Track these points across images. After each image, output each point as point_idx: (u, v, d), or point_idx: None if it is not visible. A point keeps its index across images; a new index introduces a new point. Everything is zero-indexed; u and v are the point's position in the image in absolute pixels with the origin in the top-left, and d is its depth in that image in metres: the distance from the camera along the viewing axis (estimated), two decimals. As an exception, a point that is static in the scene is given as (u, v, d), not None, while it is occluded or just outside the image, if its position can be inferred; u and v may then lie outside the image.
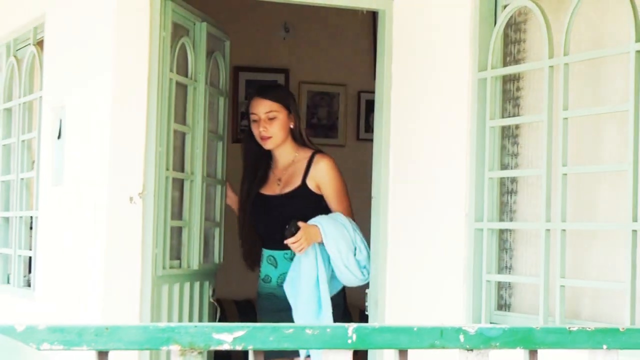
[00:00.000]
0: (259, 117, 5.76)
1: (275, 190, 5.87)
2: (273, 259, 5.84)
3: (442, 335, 2.03)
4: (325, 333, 1.94)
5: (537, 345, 2.15)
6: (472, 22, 5.20)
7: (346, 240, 5.59)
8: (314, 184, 5.79)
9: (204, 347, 1.86)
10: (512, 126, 5.14)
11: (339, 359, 1.95)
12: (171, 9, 5.56)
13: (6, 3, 7.78)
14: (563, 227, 4.64)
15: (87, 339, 1.84)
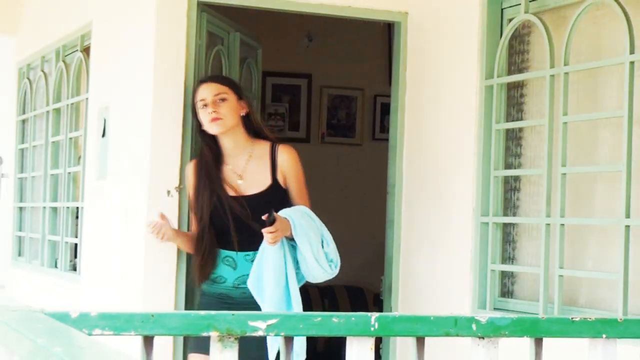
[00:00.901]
0: (206, 101, 4.86)
1: (237, 189, 4.92)
2: (232, 260, 4.90)
3: (456, 324, 2.03)
4: (350, 321, 1.94)
5: (542, 334, 2.15)
6: (480, 34, 5.20)
7: (315, 232, 4.83)
8: (282, 177, 4.97)
9: (240, 333, 1.86)
10: (516, 129, 5.13)
11: (362, 345, 1.95)
12: (207, 20, 5.58)
13: (56, 13, 7.80)
14: (562, 222, 4.64)
15: (135, 325, 1.84)
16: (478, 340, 2.06)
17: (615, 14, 4.45)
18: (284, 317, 1.87)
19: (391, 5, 5.85)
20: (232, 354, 1.86)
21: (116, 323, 1.83)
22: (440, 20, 5.60)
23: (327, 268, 4.85)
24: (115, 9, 6.31)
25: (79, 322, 1.77)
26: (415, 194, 5.71)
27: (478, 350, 2.08)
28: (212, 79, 5.06)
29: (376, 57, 9.02)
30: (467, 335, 2.05)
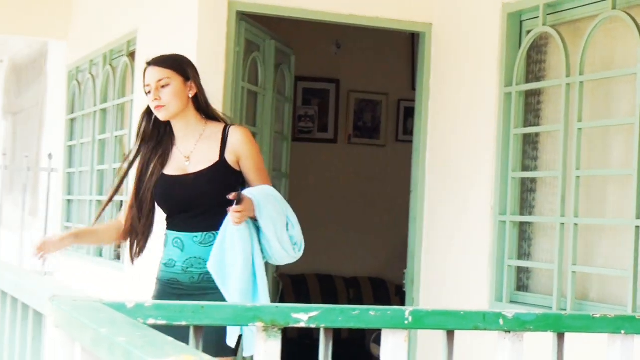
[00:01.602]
0: (150, 87, 4.25)
1: (184, 169, 4.28)
2: (180, 241, 4.24)
3: (485, 319, 2.02)
4: (386, 315, 1.94)
5: (564, 329, 2.14)
6: (500, 44, 5.19)
7: (279, 214, 4.20)
8: (234, 157, 4.25)
9: (283, 324, 1.86)
10: (533, 134, 5.12)
11: (396, 337, 1.94)
12: (245, 28, 5.60)
13: (104, 20, 7.82)
14: (575, 222, 4.63)
15: (186, 315, 1.84)
16: (504, 334, 2.05)
17: (628, 27, 4.44)
18: (325, 310, 1.86)
19: (416, 17, 5.84)
20: (275, 343, 1.85)
21: (169, 313, 1.82)
22: (463, 32, 5.59)
23: (290, 251, 4.26)
24: (159, 17, 6.32)
25: (135, 311, 1.77)
26: (437, 193, 5.71)
27: (504, 344, 2.07)
28: (156, 62, 4.32)
29: (400, 64, 9.01)
30: (495, 329, 2.04)
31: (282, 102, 6.40)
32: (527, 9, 5.07)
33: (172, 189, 4.25)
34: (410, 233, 5.86)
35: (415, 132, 5.93)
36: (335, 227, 8.91)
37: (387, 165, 8.93)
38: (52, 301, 1.67)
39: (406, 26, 5.91)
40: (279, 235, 4.17)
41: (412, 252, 5.83)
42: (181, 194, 4.23)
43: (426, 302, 5.70)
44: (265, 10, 5.63)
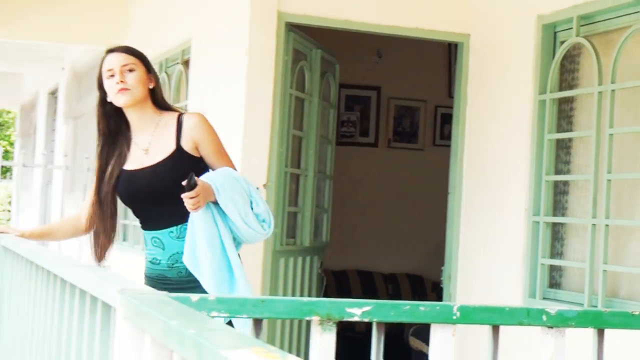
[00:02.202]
0: (114, 71, 3.89)
1: (143, 162, 3.96)
2: (159, 240, 3.92)
3: (529, 315, 2.00)
4: (434, 310, 1.92)
5: (605, 325, 2.12)
6: (535, 54, 5.16)
7: (241, 194, 3.84)
8: (191, 144, 3.92)
9: (338, 318, 1.85)
10: (566, 139, 5.08)
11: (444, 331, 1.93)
12: (292, 38, 5.60)
13: (159, 30, 7.85)
14: (606, 223, 4.60)
15: (247, 308, 1.84)
16: (547, 329, 2.03)
17: (659, 38, 4.40)
18: (378, 305, 1.85)
19: (455, 27, 5.83)
20: (330, 336, 1.84)
21: (231, 307, 1.82)
22: (499, 42, 5.56)
23: (259, 229, 3.90)
24: (212, 27, 6.33)
25: (199, 305, 1.77)
26: (473, 194, 5.69)
27: (547, 339, 2.05)
28: (121, 49, 4.03)
29: (437, 72, 8.99)
30: (538, 324, 2.02)
31: (327, 108, 6.41)
32: (561, 20, 5.04)
33: (134, 183, 3.95)
34: (448, 232, 5.85)
35: (452, 137, 5.91)
36: (375, 225, 8.92)
37: (425, 168, 8.91)
38: (122, 294, 1.67)
39: (445, 37, 5.90)
40: (242, 216, 3.83)
41: (450, 251, 5.81)
42: (143, 187, 3.94)
43: (462, 298, 5.67)
44: (313, 22, 5.63)
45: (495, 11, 5.63)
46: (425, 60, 8.83)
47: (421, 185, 8.89)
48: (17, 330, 3.56)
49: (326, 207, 6.48)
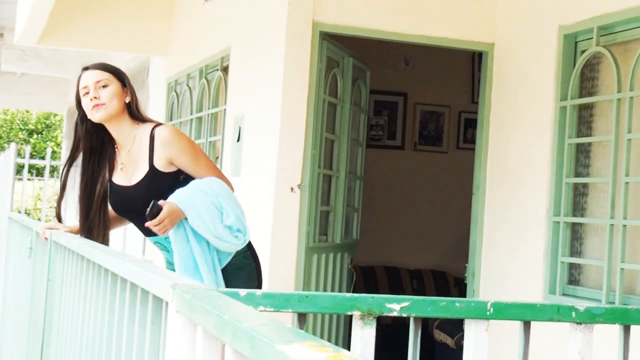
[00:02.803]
0: (88, 88, 3.80)
1: (127, 179, 3.86)
2: (161, 245, 3.86)
3: (559, 312, 1.98)
4: (469, 306, 1.91)
5: (631, 322, 2.09)
6: (557, 63, 5.13)
7: (209, 208, 3.67)
8: (164, 161, 3.77)
9: (378, 313, 1.84)
10: (586, 144, 5.05)
11: (479, 326, 1.91)
12: (326, 47, 5.59)
13: (200, 39, 7.86)
14: (624, 224, 4.56)
15: (292, 303, 1.83)
16: (576, 325, 2.01)
17: (676, 48, 4.35)
18: (416, 301, 1.84)
19: (480, 37, 5.80)
20: (371, 330, 1.83)
21: (277, 301, 1.81)
22: (522, 51, 5.53)
23: (232, 240, 3.72)
24: (250, 36, 6.33)
25: (247, 299, 1.76)
26: (497, 195, 5.66)
27: (576, 334, 2.03)
28: (95, 66, 3.91)
29: (461, 79, 8.98)
30: (567, 320, 2.01)
31: (358, 112, 6.39)
32: (582, 30, 5.00)
33: (121, 199, 3.89)
34: (472, 231, 5.82)
35: (477, 140, 5.88)
36: (402, 224, 8.91)
37: (449, 170, 8.89)
38: (174, 289, 1.66)
39: (470, 46, 5.87)
40: (212, 231, 3.66)
41: (474, 248, 5.78)
42: (128, 204, 3.87)
43: (485, 293, 5.65)
44: (345, 31, 5.62)
45: (518, 22, 5.60)
46: (449, 68, 8.81)
47: (445, 186, 8.87)
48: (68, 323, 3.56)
49: (356, 207, 6.47)
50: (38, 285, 4.66)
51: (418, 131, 9.07)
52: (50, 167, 10.08)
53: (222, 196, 3.73)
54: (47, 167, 8.85)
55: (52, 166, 12.72)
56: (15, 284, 6.21)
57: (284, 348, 1.06)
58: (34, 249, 5.09)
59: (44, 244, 4.41)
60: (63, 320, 3.75)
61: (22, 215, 6.78)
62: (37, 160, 9.10)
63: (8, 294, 6.77)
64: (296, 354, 1.03)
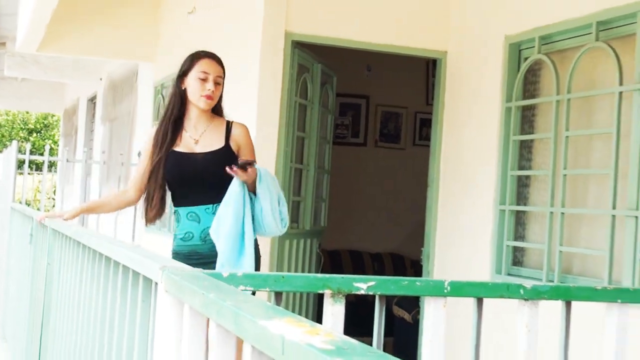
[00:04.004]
0: (209, 77, 3.96)
1: (193, 149, 3.96)
2: (195, 214, 3.89)
3: (508, 289, 1.97)
4: (429, 285, 1.89)
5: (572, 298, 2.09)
6: (503, 68, 5.13)
7: (274, 189, 3.87)
8: (235, 146, 3.97)
9: (347, 291, 1.81)
10: (528, 140, 5.05)
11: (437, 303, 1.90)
12: (297, 54, 5.56)
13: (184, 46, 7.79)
14: (562, 211, 4.57)
15: (270, 283, 1.80)
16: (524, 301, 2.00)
17: (608, 55, 4.37)
18: (381, 281, 1.82)
19: (434, 46, 5.79)
20: (340, 307, 1.81)
21: (256, 282, 1.79)
22: (472, 58, 5.53)
23: (279, 223, 3.91)
24: (229, 44, 6.29)
25: (229, 280, 1.73)
26: (449, 187, 5.66)
27: (523, 310, 2.02)
28: (218, 60, 4.08)
29: (417, 83, 8.98)
30: (516, 297, 2.00)
31: (326, 113, 6.37)
32: (525, 40, 5.01)
33: (183, 164, 3.93)
34: (427, 218, 5.81)
35: (432, 138, 5.87)
36: (365, 213, 8.90)
37: (406, 165, 8.90)
38: (163, 270, 1.63)
39: (426, 53, 5.86)
40: (272, 205, 3.84)
41: (428, 234, 5.78)
42: (193, 168, 3.92)
43: (438, 274, 5.65)
44: (315, 40, 5.60)
45: (468, 32, 5.60)
46: (407, 74, 8.81)
47: (403, 179, 8.89)
48: (66, 303, 3.52)
49: (324, 197, 6.45)
50: (38, 269, 4.61)
51: (379, 130, 9.07)
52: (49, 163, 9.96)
53: (280, 190, 3.98)
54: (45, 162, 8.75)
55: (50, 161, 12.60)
56: (17, 267, 6.15)
57: (265, 323, 1.04)
58: (34, 235, 5.04)
59: (43, 231, 4.36)
60: (61, 300, 3.71)
61: (23, 205, 6.71)
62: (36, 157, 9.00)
63: (11, 276, 6.70)
64: (276, 328, 1.00)
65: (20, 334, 5.37)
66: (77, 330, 3.12)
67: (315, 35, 5.57)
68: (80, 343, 3.01)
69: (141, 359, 2.01)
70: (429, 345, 1.93)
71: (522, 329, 2.03)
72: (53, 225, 4.04)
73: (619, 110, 4.22)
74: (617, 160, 4.21)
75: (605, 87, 4.42)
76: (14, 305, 6.15)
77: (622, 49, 4.32)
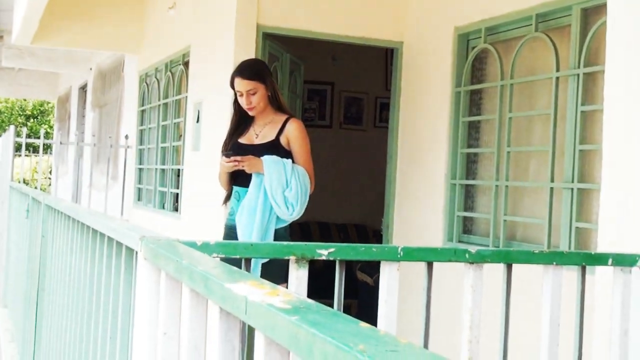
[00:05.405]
0: (241, 93, 4.18)
1: (252, 141, 4.22)
2: (238, 194, 4.17)
3: (455, 254, 1.97)
4: (384, 250, 1.88)
5: (512, 261, 2.09)
6: (453, 57, 5.12)
7: (280, 177, 4.05)
8: (285, 139, 4.17)
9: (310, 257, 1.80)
10: (476, 121, 5.06)
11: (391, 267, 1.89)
12: (268, 45, 5.51)
13: (166, 39, 7.73)
14: (506, 184, 4.59)
15: (240, 251, 1.79)
16: (469, 265, 2.00)
17: (546, 44, 4.37)
18: (340, 247, 1.81)
19: (392, 36, 5.77)
20: (304, 271, 1.80)
21: (227, 249, 1.77)
22: (425, 47, 5.52)
23: (282, 207, 4.02)
24: (206, 36, 6.24)
25: (202, 248, 1.71)
26: (406, 163, 5.65)
27: (469, 272, 2.02)
28: (244, 75, 4.20)
29: (377, 71, 8.95)
30: (462, 261, 1.99)
31: (295, 99, 6.33)
32: (472, 31, 5.01)
33: (239, 153, 4.12)
34: (387, 192, 5.81)
35: (390, 119, 5.86)
36: (331, 187, 8.89)
37: (368, 144, 8.89)
38: (142, 240, 1.61)
39: (384, 43, 5.83)
40: (273, 193, 4.01)
41: (388, 206, 5.78)
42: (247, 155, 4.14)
43: (397, 241, 5.66)
44: (284, 32, 5.55)
45: (422, 24, 5.58)
46: (367, 62, 8.78)
47: (365, 156, 8.88)
48: (59, 271, 3.49)
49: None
50: (34, 241, 4.56)
51: (343, 113, 9.04)
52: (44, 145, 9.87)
53: (295, 178, 4.09)
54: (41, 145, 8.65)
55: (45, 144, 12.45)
56: (16, 240, 6.08)
57: (231, 286, 1.03)
58: (30, 211, 4.98)
59: (38, 207, 4.31)
60: (54, 269, 3.67)
61: (21, 184, 6.64)
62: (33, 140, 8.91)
63: (11, 248, 6.63)
64: (240, 290, 0.99)
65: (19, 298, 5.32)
66: (68, 296, 3.09)
67: (284, 27, 5.53)
68: (72, 307, 2.98)
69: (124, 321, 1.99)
70: (384, 305, 1.93)
71: (467, 289, 2.03)
72: (46, 201, 4.00)
73: (556, 94, 4.24)
74: (555, 138, 4.24)
75: (544, 74, 4.43)
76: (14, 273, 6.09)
77: (558, 39, 4.33)
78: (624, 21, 2.91)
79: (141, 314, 1.64)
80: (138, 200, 8.64)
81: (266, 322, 0.88)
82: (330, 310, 0.85)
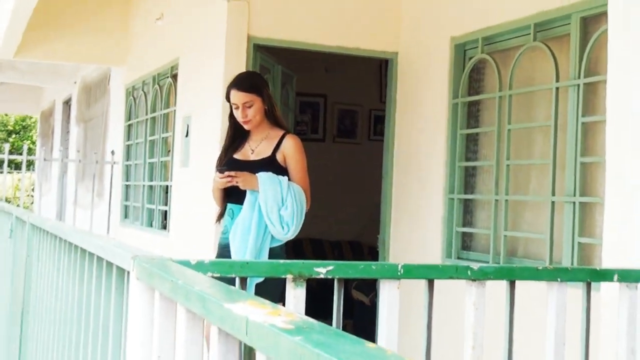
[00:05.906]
0: (238, 106, 4.19)
1: (248, 157, 4.21)
2: (232, 211, 4.16)
3: (457, 271, 1.97)
4: (384, 268, 1.89)
5: (516, 277, 2.09)
6: (449, 67, 5.15)
7: (276, 195, 4.03)
8: (282, 156, 4.17)
9: (307, 276, 1.80)
10: (474, 134, 5.08)
11: (391, 285, 1.89)
12: (259, 57, 5.53)
13: (153, 51, 7.74)
14: (506, 199, 4.60)
15: (236, 269, 1.78)
16: (471, 282, 2.00)
17: (545, 54, 4.40)
18: (338, 265, 1.81)
19: (387, 47, 5.80)
20: (301, 290, 1.80)
21: (222, 268, 1.77)
22: (421, 58, 5.54)
23: (277, 227, 4.02)
24: (196, 48, 6.25)
25: (197, 267, 1.71)
26: (402, 178, 5.66)
27: (471, 289, 2.02)
28: (240, 87, 4.22)
29: (371, 82, 8.98)
30: (464, 278, 2.00)
31: (287, 111, 6.33)
32: (469, 41, 5.03)
33: (234, 169, 4.12)
34: (382, 207, 5.82)
35: (385, 132, 5.88)
36: (324, 203, 8.88)
37: (362, 158, 8.90)
38: (135, 259, 1.61)
39: (379, 54, 5.86)
40: (268, 211, 4.00)
41: (384, 222, 5.78)
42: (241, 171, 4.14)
43: (394, 258, 5.66)
44: (275, 44, 5.57)
45: (417, 34, 5.61)
46: (361, 73, 8.81)
47: (359, 171, 8.88)
48: (45, 292, 3.47)
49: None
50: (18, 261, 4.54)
51: (336, 126, 9.06)
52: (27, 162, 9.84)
53: (291, 196, 4.09)
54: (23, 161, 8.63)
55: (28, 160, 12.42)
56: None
57: (230, 306, 1.03)
58: (14, 230, 4.96)
59: (22, 226, 4.30)
60: (40, 290, 3.66)
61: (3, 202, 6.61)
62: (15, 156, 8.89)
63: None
64: (241, 310, 0.99)
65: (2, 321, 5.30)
66: (55, 319, 3.08)
67: (276, 38, 5.55)
68: (58, 330, 2.97)
69: (116, 343, 1.99)
70: (385, 324, 1.93)
71: (470, 307, 2.03)
72: (31, 220, 3.99)
73: (556, 105, 4.26)
74: (555, 151, 4.25)
75: (543, 84, 4.45)
76: (-4, 296, 6.05)
77: (557, 48, 4.35)
78: (625, 29, 2.94)
79: (134, 336, 1.64)
80: (125, 218, 8.62)
81: (268, 343, 0.89)
82: (334, 330, 0.85)
